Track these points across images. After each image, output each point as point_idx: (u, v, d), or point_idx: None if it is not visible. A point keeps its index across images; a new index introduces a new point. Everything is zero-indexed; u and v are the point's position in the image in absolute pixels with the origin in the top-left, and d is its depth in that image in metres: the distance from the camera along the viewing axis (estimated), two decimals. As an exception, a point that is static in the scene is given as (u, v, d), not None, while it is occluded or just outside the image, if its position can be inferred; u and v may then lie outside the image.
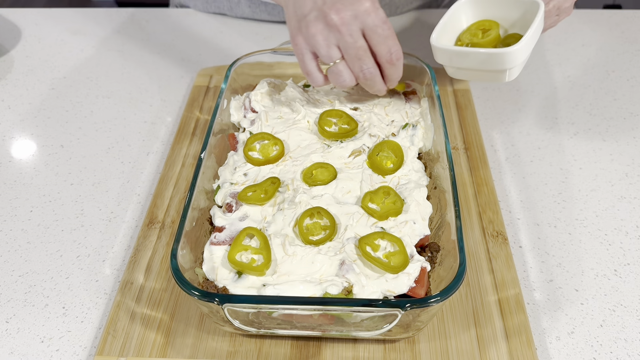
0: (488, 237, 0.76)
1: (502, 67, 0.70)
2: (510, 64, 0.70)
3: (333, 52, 0.72)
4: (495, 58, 0.70)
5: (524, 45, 0.68)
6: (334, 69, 0.73)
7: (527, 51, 0.70)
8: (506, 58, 0.69)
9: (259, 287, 0.61)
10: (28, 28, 1.24)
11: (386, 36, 0.71)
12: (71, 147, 0.94)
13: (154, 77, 1.09)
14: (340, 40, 0.71)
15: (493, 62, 0.70)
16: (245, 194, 0.70)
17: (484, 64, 0.72)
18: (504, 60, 0.69)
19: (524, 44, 0.68)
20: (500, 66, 0.70)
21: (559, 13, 0.81)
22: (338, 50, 0.72)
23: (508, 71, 0.71)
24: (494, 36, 0.76)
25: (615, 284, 0.72)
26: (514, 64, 0.70)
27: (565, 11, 0.82)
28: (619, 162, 0.89)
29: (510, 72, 0.72)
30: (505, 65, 0.70)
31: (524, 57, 0.70)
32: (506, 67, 0.70)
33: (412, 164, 0.75)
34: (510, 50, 0.68)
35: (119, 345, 0.65)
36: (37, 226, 0.81)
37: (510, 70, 0.71)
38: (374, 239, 0.64)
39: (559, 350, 0.66)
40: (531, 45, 0.70)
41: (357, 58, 0.72)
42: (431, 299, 0.55)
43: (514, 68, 0.71)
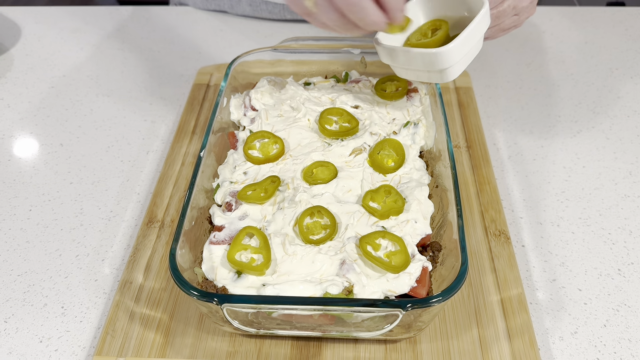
0: (490, 236, 0.75)
1: (436, 67, 0.68)
2: (444, 64, 0.68)
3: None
4: (427, 58, 0.68)
5: (455, 46, 0.66)
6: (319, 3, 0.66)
7: (461, 51, 0.67)
8: (437, 58, 0.67)
9: (258, 286, 0.60)
10: (28, 26, 1.23)
11: None
12: (71, 145, 0.94)
13: (154, 76, 1.09)
14: None
15: (426, 62, 0.69)
16: (245, 193, 0.69)
17: (418, 63, 0.70)
18: (435, 60, 0.67)
19: (455, 45, 0.66)
20: (434, 66, 0.68)
21: (518, 12, 0.77)
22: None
23: (445, 71, 0.69)
24: (440, 35, 0.73)
25: (619, 284, 0.71)
26: (449, 64, 0.68)
27: (525, 10, 0.78)
28: (622, 161, 0.88)
29: (448, 72, 0.70)
30: (438, 66, 0.68)
31: (459, 57, 0.68)
32: (440, 67, 0.68)
33: (414, 163, 0.74)
34: (441, 51, 0.66)
35: (118, 345, 0.65)
36: (36, 225, 0.81)
37: (447, 70, 0.69)
38: (375, 238, 0.63)
39: (562, 350, 0.65)
40: (466, 46, 0.67)
41: None
42: (433, 299, 0.54)
43: (449, 68, 0.69)
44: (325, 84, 0.88)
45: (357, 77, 0.89)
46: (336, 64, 0.91)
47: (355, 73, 0.90)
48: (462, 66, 0.71)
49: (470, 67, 1.07)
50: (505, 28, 0.79)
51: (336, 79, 0.90)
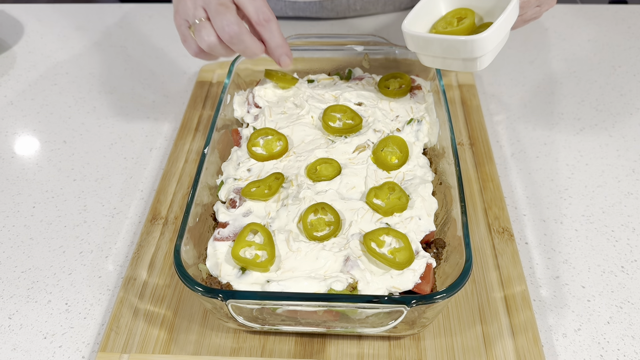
0: (494, 234, 0.75)
1: (471, 55, 0.69)
2: (478, 52, 0.68)
3: (198, 12, 0.71)
4: (462, 45, 0.69)
5: (491, 34, 0.67)
6: (197, 26, 0.71)
7: (495, 40, 0.68)
8: (473, 46, 0.68)
9: (262, 283, 0.60)
10: (30, 24, 1.23)
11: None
12: (74, 143, 0.94)
13: (157, 73, 1.09)
14: (204, 0, 0.70)
15: (461, 50, 0.69)
16: (249, 190, 0.69)
17: (453, 51, 0.70)
18: (471, 48, 0.68)
19: (491, 33, 0.67)
20: (469, 54, 0.69)
21: (540, 4, 0.78)
22: (203, 11, 0.71)
23: (478, 59, 0.70)
24: (467, 24, 0.74)
25: (622, 281, 0.71)
26: (483, 52, 0.69)
27: (547, 2, 0.79)
28: (625, 158, 0.88)
29: (481, 61, 0.70)
30: (473, 54, 0.69)
31: (493, 46, 0.69)
32: (474, 55, 0.69)
33: (417, 160, 0.74)
34: (477, 38, 0.67)
35: (122, 341, 0.65)
36: (40, 222, 0.81)
37: (480, 58, 0.70)
38: (379, 235, 0.63)
39: (566, 347, 0.65)
40: (500, 34, 0.69)
41: (218, 13, 0.69)
42: (437, 296, 0.54)
43: (483, 56, 0.69)
44: (328, 81, 0.88)
45: (361, 75, 0.89)
46: (339, 61, 0.91)
47: (358, 70, 0.90)
48: (493, 55, 0.72)
49: (473, 64, 1.07)
50: (527, 19, 0.80)
51: (339, 76, 0.90)
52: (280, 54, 0.75)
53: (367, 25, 1.19)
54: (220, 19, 0.69)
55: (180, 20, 0.73)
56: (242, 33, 0.70)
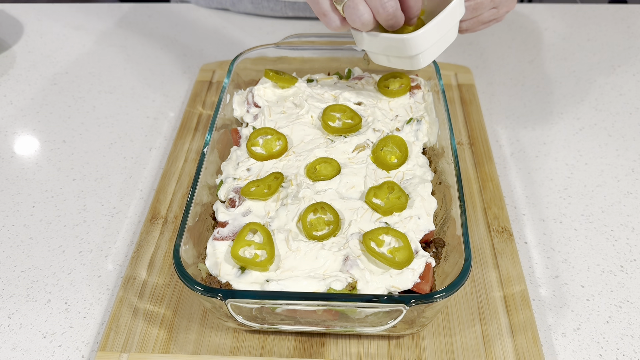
0: (493, 233, 0.75)
1: (409, 52, 0.70)
2: (415, 50, 0.69)
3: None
4: (399, 43, 0.69)
5: (425, 32, 0.68)
6: (349, 3, 0.67)
7: (431, 37, 0.69)
8: (409, 43, 0.69)
9: (262, 282, 0.60)
10: (30, 23, 1.23)
11: None
12: (73, 142, 0.94)
13: (157, 73, 1.09)
14: None
15: (399, 48, 0.70)
16: (249, 189, 0.69)
17: (393, 49, 0.71)
18: (407, 46, 0.69)
19: (426, 31, 0.68)
20: (406, 52, 0.70)
21: (497, 5, 0.78)
22: None
23: (418, 56, 0.71)
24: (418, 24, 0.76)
25: (622, 280, 0.72)
26: (419, 50, 0.69)
27: (504, 4, 0.78)
28: (625, 158, 0.88)
29: (422, 58, 0.71)
30: (410, 51, 0.70)
31: (430, 43, 0.69)
32: (412, 52, 0.70)
33: (417, 159, 0.74)
34: (411, 37, 0.68)
35: (122, 341, 0.65)
36: (40, 222, 0.81)
37: (419, 56, 0.70)
38: (378, 234, 0.63)
39: (565, 346, 0.65)
40: (438, 32, 0.69)
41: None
42: (436, 295, 0.54)
43: (422, 54, 0.70)
44: (328, 81, 0.88)
45: (360, 74, 0.89)
46: (339, 61, 0.91)
47: (358, 70, 0.90)
48: (434, 54, 0.72)
49: (472, 64, 1.07)
50: (485, 21, 0.79)
51: (339, 76, 0.90)
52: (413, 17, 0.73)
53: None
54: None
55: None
56: (398, 9, 0.68)
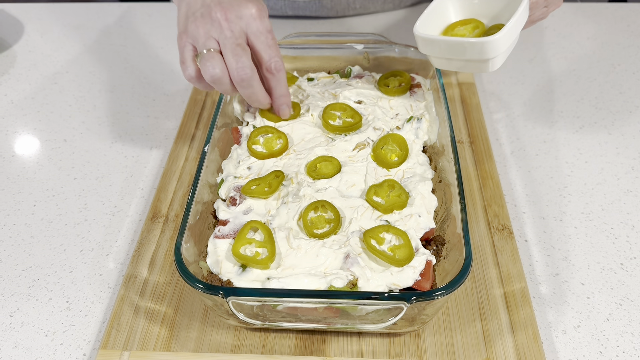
0: (493, 231, 0.75)
1: (484, 56, 0.70)
2: (491, 54, 0.70)
3: (210, 42, 0.69)
4: (476, 47, 0.70)
5: (504, 35, 0.68)
6: (205, 55, 0.69)
7: (507, 41, 0.70)
8: (487, 47, 0.69)
9: (263, 280, 0.60)
10: (30, 23, 1.23)
11: (269, 45, 0.71)
12: (74, 141, 0.94)
13: (157, 72, 1.09)
14: (220, 34, 0.69)
15: (474, 52, 0.70)
16: (249, 188, 0.70)
17: (466, 53, 0.71)
18: (485, 50, 0.69)
19: (504, 34, 0.68)
20: (482, 56, 0.70)
21: (547, 4, 0.79)
22: (216, 42, 0.70)
23: (490, 61, 0.71)
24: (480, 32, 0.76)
25: (622, 278, 0.72)
26: (496, 54, 0.70)
27: (554, 2, 0.80)
28: (624, 156, 0.88)
29: (493, 62, 0.72)
30: (486, 55, 0.70)
31: (505, 47, 0.70)
32: (488, 56, 0.70)
33: (417, 157, 0.74)
34: (491, 40, 0.68)
35: (123, 339, 0.65)
36: (41, 220, 0.81)
37: (492, 60, 0.71)
38: (379, 232, 0.63)
39: (565, 344, 0.65)
40: (512, 35, 0.70)
41: (234, 53, 0.69)
42: (437, 292, 0.55)
43: (496, 57, 0.71)
44: (328, 80, 0.88)
45: (360, 73, 0.89)
46: (339, 60, 0.92)
47: (358, 68, 0.90)
48: (505, 56, 0.73)
49: (472, 63, 1.07)
50: (535, 20, 0.81)
51: (339, 75, 0.90)
52: (281, 103, 0.76)
53: (366, 24, 1.19)
54: (235, 60, 0.69)
55: (185, 42, 0.72)
56: (253, 79, 0.71)
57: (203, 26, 0.70)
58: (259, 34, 0.70)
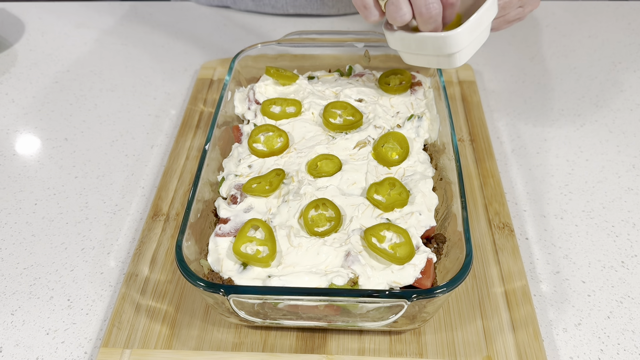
0: (494, 229, 0.75)
1: (447, 51, 0.70)
2: (453, 48, 0.69)
3: None
4: (437, 42, 0.69)
5: (464, 30, 0.68)
6: (393, 1, 0.66)
7: (469, 36, 0.69)
8: (448, 42, 0.68)
9: (264, 278, 0.61)
10: (31, 22, 1.23)
11: None
12: (75, 140, 0.94)
13: (158, 70, 1.09)
14: None
15: (437, 47, 0.70)
16: (250, 186, 0.70)
17: (430, 48, 0.71)
18: (446, 44, 0.69)
19: (465, 29, 0.68)
20: (445, 50, 0.70)
21: (522, 4, 0.78)
22: None
23: (455, 55, 0.71)
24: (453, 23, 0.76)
25: (623, 276, 0.72)
26: (458, 48, 0.69)
27: (530, 3, 0.79)
28: (625, 154, 0.88)
29: (458, 56, 0.71)
30: (449, 50, 0.69)
31: (468, 42, 0.69)
32: (450, 51, 0.70)
33: (418, 156, 0.74)
34: (452, 34, 0.68)
35: (124, 337, 0.65)
36: (42, 219, 0.81)
37: (457, 54, 0.70)
38: (380, 230, 0.63)
39: (566, 342, 0.65)
40: (475, 31, 0.69)
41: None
42: (437, 290, 0.55)
43: (459, 52, 0.70)
44: (329, 78, 0.88)
45: (361, 71, 0.89)
46: (340, 58, 0.92)
47: (359, 67, 0.90)
48: (470, 52, 0.72)
49: (473, 60, 1.07)
50: (510, 20, 0.79)
51: (340, 73, 0.90)
52: None
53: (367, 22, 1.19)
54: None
55: None
56: (440, 11, 0.67)
57: None
58: None
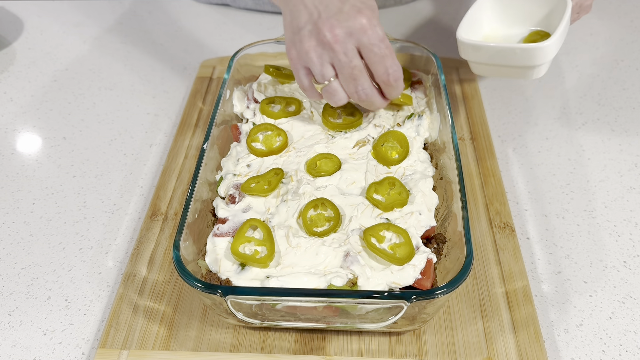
0: (495, 229, 0.75)
1: (533, 63, 0.69)
2: (541, 60, 0.69)
3: (326, 71, 0.69)
4: (527, 54, 0.69)
5: (555, 41, 0.68)
6: (327, 88, 0.70)
7: (557, 47, 0.69)
8: (538, 53, 0.68)
9: (262, 279, 0.60)
10: (30, 20, 1.23)
11: (383, 55, 0.68)
12: (73, 139, 0.94)
13: (157, 69, 1.08)
14: (334, 58, 0.68)
15: (524, 58, 0.69)
16: (249, 185, 0.69)
17: (515, 59, 0.70)
18: (535, 56, 0.68)
19: (555, 40, 0.68)
20: (531, 62, 0.69)
21: (580, 11, 0.81)
22: (332, 68, 0.69)
23: (537, 67, 0.70)
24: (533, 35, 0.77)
25: (625, 276, 0.71)
26: (545, 60, 0.69)
27: (585, 9, 0.82)
28: (628, 153, 0.87)
29: (540, 69, 0.71)
30: (536, 61, 0.69)
31: (555, 53, 0.70)
32: (537, 63, 0.69)
33: (418, 155, 0.74)
34: (543, 46, 0.67)
35: (122, 338, 0.65)
36: (40, 219, 0.81)
37: (540, 66, 0.70)
38: (379, 230, 0.63)
39: (568, 342, 0.65)
40: (561, 41, 0.70)
41: (352, 78, 0.68)
42: (437, 291, 0.54)
43: (543, 64, 0.70)
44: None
45: (361, 69, 0.88)
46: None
47: (358, 65, 0.90)
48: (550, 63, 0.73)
49: (474, 59, 1.06)
50: None
51: (339, 71, 0.89)
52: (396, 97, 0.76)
53: (367, 20, 1.18)
54: (354, 85, 0.69)
55: (298, 65, 0.71)
56: (374, 96, 0.71)
57: (314, 50, 0.68)
58: (371, 47, 0.67)
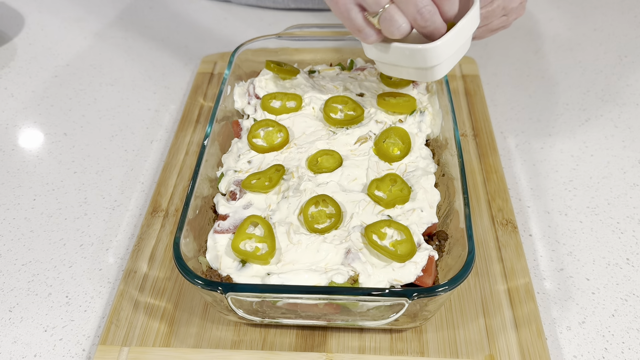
0: (497, 226, 0.74)
1: (425, 64, 0.66)
2: (433, 61, 0.66)
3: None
4: (418, 54, 0.66)
5: (444, 43, 0.64)
6: (385, 15, 0.62)
7: (449, 49, 0.65)
8: (427, 55, 0.65)
9: (263, 276, 0.60)
10: (31, 15, 1.23)
11: None
12: (74, 135, 0.94)
13: (158, 65, 1.08)
14: None
15: (417, 59, 0.66)
16: (249, 182, 0.69)
17: (408, 60, 0.67)
18: (425, 57, 0.65)
19: (444, 42, 0.64)
20: (423, 63, 0.66)
21: (507, 13, 0.76)
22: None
23: (433, 68, 0.67)
24: None
25: (628, 273, 0.71)
26: (437, 62, 0.66)
27: (514, 11, 0.76)
28: (631, 149, 0.87)
29: (436, 70, 0.67)
30: (427, 63, 0.66)
31: (447, 55, 0.66)
32: (428, 64, 0.66)
33: (420, 151, 0.73)
34: (431, 47, 0.64)
35: (123, 334, 0.65)
36: (41, 215, 0.80)
37: (435, 67, 0.67)
38: (381, 227, 0.62)
39: (570, 340, 0.64)
40: (455, 44, 0.65)
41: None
42: (439, 288, 0.54)
43: (437, 66, 0.66)
44: (330, 72, 0.87)
45: (363, 65, 0.88)
46: (341, 52, 0.91)
47: (360, 61, 0.89)
48: (450, 65, 0.68)
49: (476, 54, 1.06)
50: (494, 28, 0.77)
51: (341, 67, 0.89)
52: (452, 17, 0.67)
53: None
54: (415, 2, 0.61)
55: (348, 5, 0.64)
56: (436, 13, 0.63)
57: None
58: None
